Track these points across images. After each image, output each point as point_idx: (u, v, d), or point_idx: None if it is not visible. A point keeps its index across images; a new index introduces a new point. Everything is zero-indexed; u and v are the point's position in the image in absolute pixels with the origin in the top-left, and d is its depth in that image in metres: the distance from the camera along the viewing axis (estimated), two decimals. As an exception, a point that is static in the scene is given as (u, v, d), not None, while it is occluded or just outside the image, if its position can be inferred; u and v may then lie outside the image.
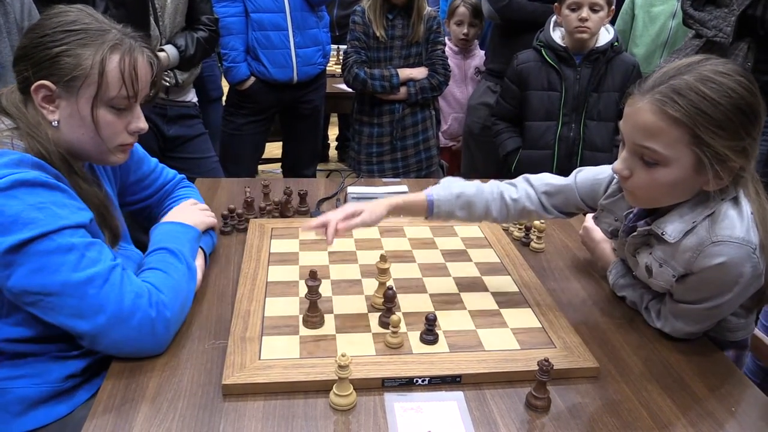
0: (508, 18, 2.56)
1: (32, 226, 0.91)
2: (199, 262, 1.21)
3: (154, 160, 1.40)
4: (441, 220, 1.26)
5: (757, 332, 1.31)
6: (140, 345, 0.98)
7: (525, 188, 1.27)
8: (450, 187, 1.23)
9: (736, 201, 1.01)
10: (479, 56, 3.07)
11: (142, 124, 1.09)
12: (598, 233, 1.32)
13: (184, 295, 1.07)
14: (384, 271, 1.15)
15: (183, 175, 1.47)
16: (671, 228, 1.03)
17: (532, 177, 1.29)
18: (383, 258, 1.16)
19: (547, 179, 1.27)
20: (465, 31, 2.96)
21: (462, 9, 2.95)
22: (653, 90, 0.97)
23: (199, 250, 1.25)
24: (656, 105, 0.95)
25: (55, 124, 1.02)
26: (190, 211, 1.30)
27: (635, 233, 1.11)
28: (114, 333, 0.95)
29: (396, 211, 1.20)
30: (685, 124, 0.94)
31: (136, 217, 1.43)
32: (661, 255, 1.07)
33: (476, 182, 1.26)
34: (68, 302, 0.93)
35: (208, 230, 1.33)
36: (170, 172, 1.43)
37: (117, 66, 1.01)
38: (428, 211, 1.22)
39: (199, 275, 1.19)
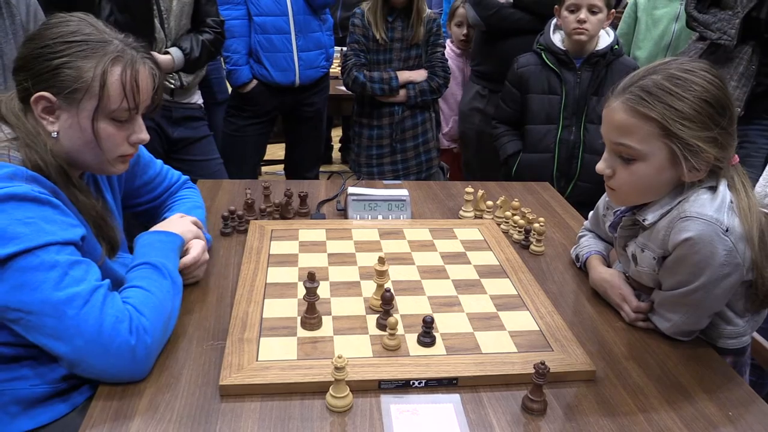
0: (495, 26, 2.55)
1: (17, 241, 0.89)
2: (197, 250, 1.21)
3: (159, 162, 1.41)
4: None
5: (755, 335, 1.31)
6: (120, 371, 0.94)
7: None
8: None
9: (713, 189, 1.06)
10: (481, 58, 3.07)
11: (144, 136, 1.09)
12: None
13: (167, 314, 1.03)
14: (382, 273, 1.16)
15: (187, 177, 1.47)
16: (651, 215, 1.10)
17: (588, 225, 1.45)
18: (381, 260, 1.16)
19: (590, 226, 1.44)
20: (465, 32, 2.96)
21: (462, 10, 2.95)
22: (625, 91, 1.06)
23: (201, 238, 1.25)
24: (627, 104, 1.04)
25: (54, 135, 1.01)
26: (177, 222, 1.25)
27: (622, 224, 1.19)
28: (92, 357, 0.92)
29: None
30: (655, 119, 1.01)
31: (140, 218, 1.43)
32: (642, 240, 1.15)
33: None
34: (47, 322, 0.90)
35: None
36: (175, 174, 1.44)
37: (118, 78, 1.00)
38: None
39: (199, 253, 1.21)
